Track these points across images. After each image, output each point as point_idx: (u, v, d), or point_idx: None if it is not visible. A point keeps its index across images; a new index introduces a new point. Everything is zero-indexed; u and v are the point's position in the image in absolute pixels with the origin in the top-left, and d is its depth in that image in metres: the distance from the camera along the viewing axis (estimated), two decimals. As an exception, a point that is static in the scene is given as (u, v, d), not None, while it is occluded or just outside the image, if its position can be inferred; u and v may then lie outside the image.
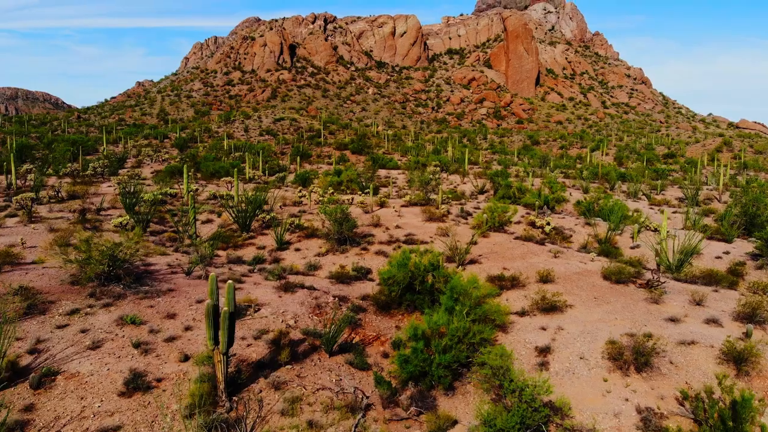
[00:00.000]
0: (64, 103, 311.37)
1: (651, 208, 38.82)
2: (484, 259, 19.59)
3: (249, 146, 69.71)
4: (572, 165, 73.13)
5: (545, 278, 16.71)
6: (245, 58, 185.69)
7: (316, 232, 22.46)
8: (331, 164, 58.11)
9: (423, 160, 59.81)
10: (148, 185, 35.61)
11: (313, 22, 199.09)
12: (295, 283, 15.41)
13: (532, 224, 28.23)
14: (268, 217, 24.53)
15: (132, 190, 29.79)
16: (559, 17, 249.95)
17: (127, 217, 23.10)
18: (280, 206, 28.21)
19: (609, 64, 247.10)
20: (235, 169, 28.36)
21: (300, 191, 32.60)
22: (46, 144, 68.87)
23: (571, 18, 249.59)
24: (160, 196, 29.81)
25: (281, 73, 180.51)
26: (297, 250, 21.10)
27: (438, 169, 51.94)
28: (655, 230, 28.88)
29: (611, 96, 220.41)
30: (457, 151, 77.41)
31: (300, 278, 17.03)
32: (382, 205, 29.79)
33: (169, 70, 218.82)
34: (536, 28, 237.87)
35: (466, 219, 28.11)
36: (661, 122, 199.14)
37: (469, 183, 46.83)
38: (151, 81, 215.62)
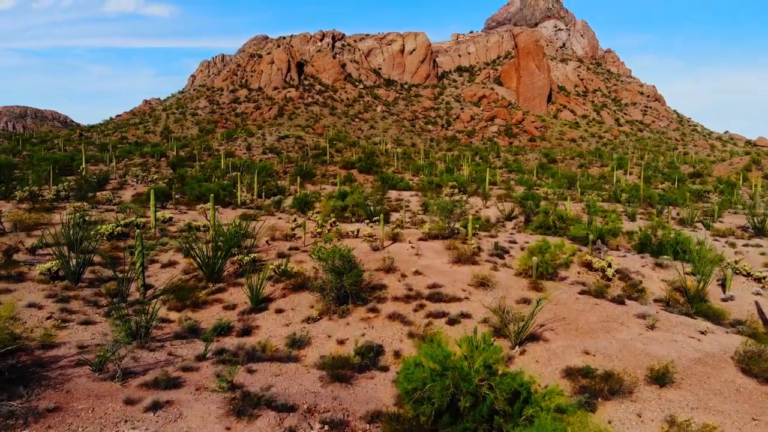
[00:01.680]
0: (72, 121, 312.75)
1: (716, 240, 32.41)
2: (549, 331, 13.42)
3: (248, 165, 64.50)
4: (599, 185, 66.90)
5: (660, 377, 10.51)
6: (252, 76, 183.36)
7: (307, 283, 16.48)
8: (336, 185, 52.54)
9: (437, 181, 54.02)
10: (118, 212, 30.00)
11: (321, 40, 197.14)
12: (256, 395, 9.34)
13: (588, 266, 22.03)
14: (246, 259, 18.62)
15: (82, 220, 24.21)
16: (570, 34, 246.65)
17: (58, 262, 17.32)
18: (267, 241, 22.34)
19: (621, 81, 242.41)
20: (212, 195, 22.62)
21: (294, 220, 26.74)
22: (32, 163, 64.37)
23: (582, 35, 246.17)
24: (121, 228, 24.12)
25: (288, 91, 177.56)
26: (279, 311, 15.09)
27: (456, 190, 46.01)
28: (748, 275, 22.52)
29: (625, 113, 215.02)
30: (471, 170, 71.59)
31: (274, 370, 11.00)
32: (395, 238, 23.82)
33: (178, 90, 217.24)
34: (547, 45, 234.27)
35: (503, 257, 21.99)
36: (676, 140, 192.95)
37: (493, 207, 40.80)
38: (158, 99, 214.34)
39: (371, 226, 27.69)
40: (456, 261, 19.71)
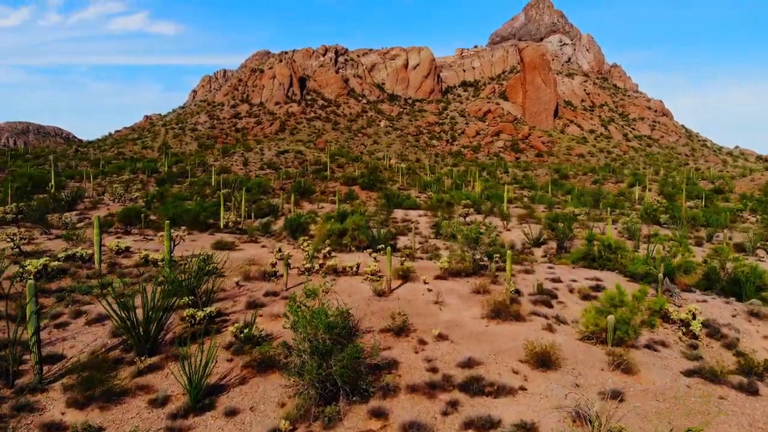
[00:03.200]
0: (75, 137, 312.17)
1: (791, 272, 26.82)
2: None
3: (241, 181, 59.55)
4: (622, 203, 61.51)
5: None
6: (253, 91, 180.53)
7: (277, 361, 11.07)
8: (340, 201, 47.27)
9: (448, 198, 48.76)
10: (68, 240, 24.73)
11: (324, 55, 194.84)
12: None
13: (664, 316, 16.55)
14: (200, 314, 13.29)
15: (18, 250, 19.05)
16: (575, 49, 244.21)
17: None
18: (238, 283, 16.99)
19: (628, 96, 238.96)
20: (167, 222, 17.39)
21: (279, 251, 21.43)
22: (10, 180, 59.76)
23: (587, 49, 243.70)
24: (59, 263, 18.87)
25: (290, 106, 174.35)
26: (231, 413, 9.66)
27: (471, 209, 40.71)
28: None
29: (633, 128, 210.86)
30: (483, 186, 66.36)
31: None
32: (405, 276, 18.46)
33: (179, 105, 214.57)
34: (552, 60, 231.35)
35: (551, 305, 16.54)
36: (686, 155, 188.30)
37: (516, 229, 35.42)
38: (159, 114, 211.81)
39: (374, 258, 22.37)
40: (493, 315, 14.26)
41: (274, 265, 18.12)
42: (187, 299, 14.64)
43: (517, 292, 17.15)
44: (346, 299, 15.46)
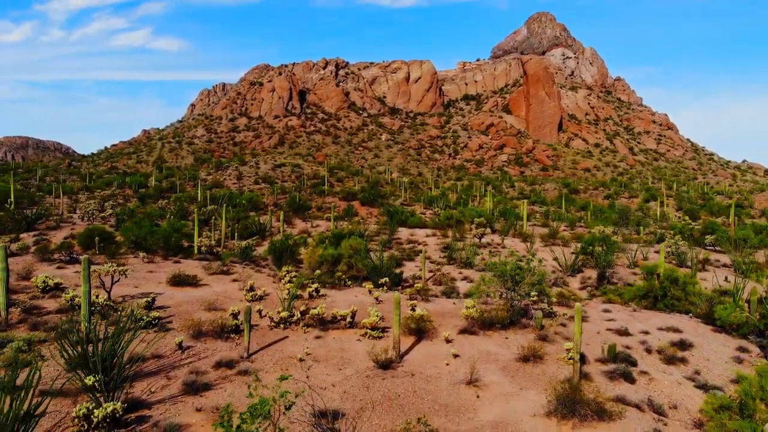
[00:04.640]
0: (74, 152, 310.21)
1: None
2: None
3: (230, 196, 54.65)
4: (645, 221, 56.45)
5: None
6: (252, 104, 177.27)
7: None
8: (336, 219, 42.20)
9: (458, 215, 43.72)
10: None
11: (324, 68, 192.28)
12: None
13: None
14: (98, 414, 8.17)
15: None
16: (578, 62, 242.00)
17: None
18: (181, 344, 11.84)
19: (633, 109, 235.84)
20: (85, 257, 12.26)
21: (250, 290, 16.35)
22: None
23: (591, 63, 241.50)
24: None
25: (290, 119, 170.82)
26: None
27: (486, 228, 35.61)
28: None
29: (638, 142, 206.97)
30: (495, 201, 61.36)
31: None
32: (418, 331, 13.35)
33: (177, 119, 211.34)
34: (556, 73, 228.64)
35: (632, 378, 11.37)
36: (694, 169, 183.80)
37: (540, 252, 30.29)
38: (157, 128, 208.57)
39: (376, 297, 17.26)
40: (564, 411, 9.07)
41: (236, 315, 13.02)
42: (91, 379, 9.54)
43: (583, 358, 12.00)
44: (334, 376, 10.35)
